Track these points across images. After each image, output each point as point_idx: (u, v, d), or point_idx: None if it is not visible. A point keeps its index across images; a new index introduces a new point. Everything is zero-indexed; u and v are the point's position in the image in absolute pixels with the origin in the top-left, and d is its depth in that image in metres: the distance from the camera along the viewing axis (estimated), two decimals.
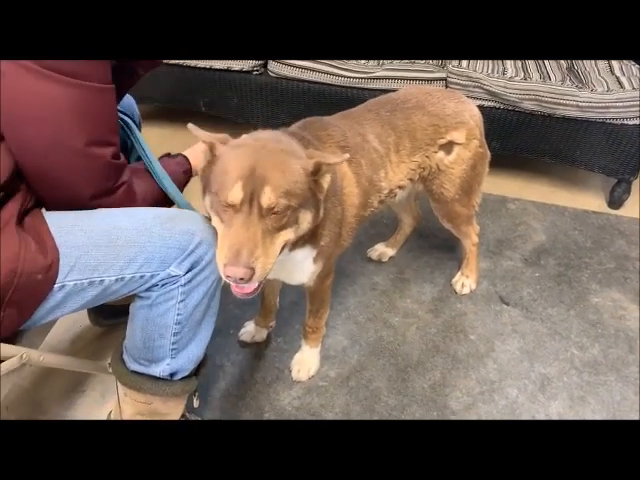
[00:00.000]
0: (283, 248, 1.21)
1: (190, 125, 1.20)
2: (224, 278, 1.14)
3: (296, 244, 1.29)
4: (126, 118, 1.41)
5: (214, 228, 1.23)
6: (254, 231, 1.11)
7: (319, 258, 1.45)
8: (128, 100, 1.55)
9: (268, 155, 1.16)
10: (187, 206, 1.37)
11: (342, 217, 1.47)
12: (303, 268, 1.45)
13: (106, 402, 1.63)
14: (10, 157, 1.09)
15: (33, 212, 1.14)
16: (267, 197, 1.11)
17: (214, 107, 2.77)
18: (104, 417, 1.49)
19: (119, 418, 1.40)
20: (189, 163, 1.43)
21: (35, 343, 1.31)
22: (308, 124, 1.50)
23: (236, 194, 1.11)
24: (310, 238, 1.35)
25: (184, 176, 1.42)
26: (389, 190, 1.62)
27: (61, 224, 1.13)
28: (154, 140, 1.50)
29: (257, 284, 1.17)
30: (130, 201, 1.24)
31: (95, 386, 1.70)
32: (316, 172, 1.20)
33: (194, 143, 1.42)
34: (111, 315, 1.77)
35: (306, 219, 1.23)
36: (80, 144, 1.10)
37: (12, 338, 1.16)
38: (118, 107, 1.39)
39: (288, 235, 1.19)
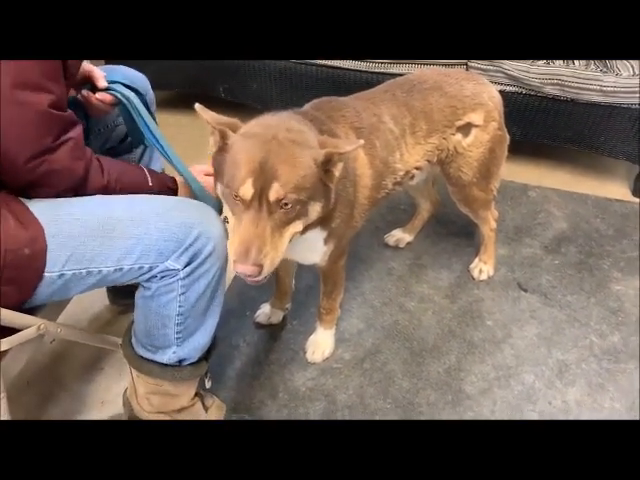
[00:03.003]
0: (292, 238, 1.22)
1: (198, 106, 1.17)
2: (235, 272, 1.16)
3: (306, 227, 1.29)
4: (128, 91, 1.37)
5: (215, 219, 1.24)
6: (263, 227, 1.13)
7: (330, 239, 1.45)
8: (141, 81, 1.52)
9: (278, 148, 1.15)
10: (194, 180, 1.36)
11: (354, 198, 1.47)
12: (315, 248, 1.46)
13: (123, 379, 1.66)
14: None
15: (3, 192, 1.10)
16: (275, 192, 1.12)
17: (233, 93, 2.78)
18: (121, 393, 1.52)
19: (134, 395, 1.41)
20: (176, 185, 1.38)
21: (52, 318, 1.32)
22: (322, 104, 1.49)
23: (247, 190, 1.12)
24: (321, 220, 1.34)
25: (167, 192, 1.35)
26: (405, 172, 1.61)
27: (56, 212, 1.11)
28: (173, 126, 1.51)
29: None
30: (75, 161, 1.13)
31: (113, 364, 1.73)
32: (327, 162, 1.19)
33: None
34: (130, 295, 1.77)
35: (315, 210, 1.23)
36: (6, 87, 0.98)
37: (31, 311, 1.18)
38: (125, 81, 1.39)
39: (297, 227, 1.21)
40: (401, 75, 1.80)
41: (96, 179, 1.18)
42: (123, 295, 1.82)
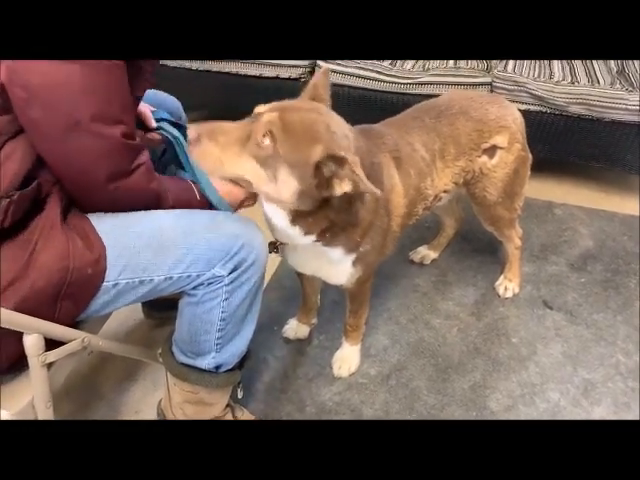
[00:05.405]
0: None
1: None
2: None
3: (326, 240, 1.34)
4: (175, 131, 1.41)
5: (258, 231, 1.30)
6: (235, 128, 1.22)
7: (359, 263, 1.48)
8: (173, 103, 1.62)
9: (303, 113, 1.23)
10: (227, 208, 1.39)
11: (387, 227, 1.50)
12: (342, 270, 1.49)
13: (157, 390, 1.73)
14: (31, 149, 1.07)
15: (74, 211, 1.18)
16: (267, 118, 1.19)
17: None
18: (154, 404, 1.58)
19: (168, 405, 1.48)
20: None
21: (94, 332, 1.40)
22: (363, 132, 1.45)
23: (260, 109, 1.25)
24: (344, 239, 1.37)
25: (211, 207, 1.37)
26: (434, 196, 1.65)
27: (114, 225, 1.18)
28: None
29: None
30: (150, 182, 1.20)
31: (147, 375, 1.80)
32: (325, 161, 1.16)
33: None
34: (163, 308, 1.86)
35: (288, 184, 1.20)
36: (86, 120, 1.05)
37: (74, 325, 1.26)
38: (167, 116, 1.46)
39: (255, 171, 1.21)
40: (426, 96, 1.84)
41: (165, 198, 1.26)
42: (158, 309, 1.89)
